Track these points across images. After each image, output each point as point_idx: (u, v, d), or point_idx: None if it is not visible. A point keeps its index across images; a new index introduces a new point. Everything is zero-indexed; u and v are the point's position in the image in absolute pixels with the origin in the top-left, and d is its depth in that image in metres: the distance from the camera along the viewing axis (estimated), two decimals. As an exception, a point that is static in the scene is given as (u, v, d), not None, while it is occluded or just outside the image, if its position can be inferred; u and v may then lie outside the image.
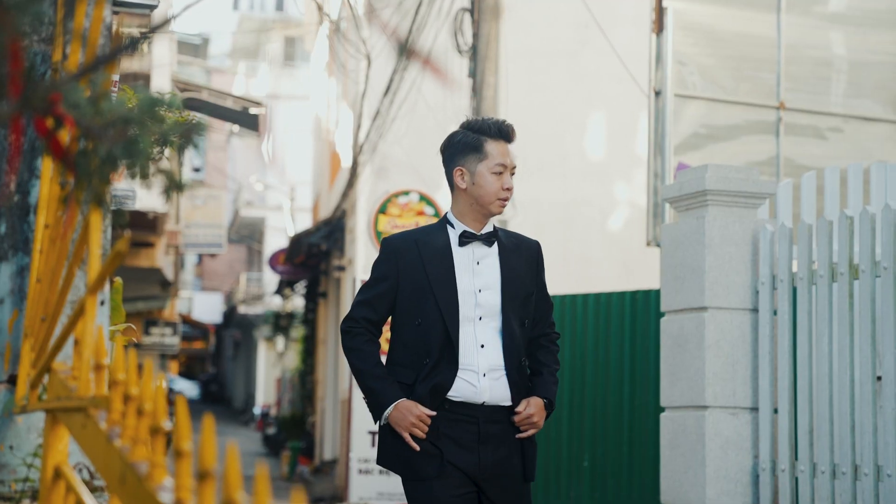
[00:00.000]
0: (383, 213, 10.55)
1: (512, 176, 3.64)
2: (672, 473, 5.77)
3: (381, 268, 3.64)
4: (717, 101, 9.00)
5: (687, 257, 5.83)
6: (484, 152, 3.61)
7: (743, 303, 5.73)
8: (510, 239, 3.70)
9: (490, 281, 3.60)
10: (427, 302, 3.54)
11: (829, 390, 5.33)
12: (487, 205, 3.61)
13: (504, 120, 3.68)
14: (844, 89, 9.51)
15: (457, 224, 3.64)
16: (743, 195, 5.78)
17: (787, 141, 9.14)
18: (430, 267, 3.57)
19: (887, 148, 9.43)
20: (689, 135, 8.93)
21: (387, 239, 3.69)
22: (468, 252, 3.61)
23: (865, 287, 5.20)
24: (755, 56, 9.15)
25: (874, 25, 9.51)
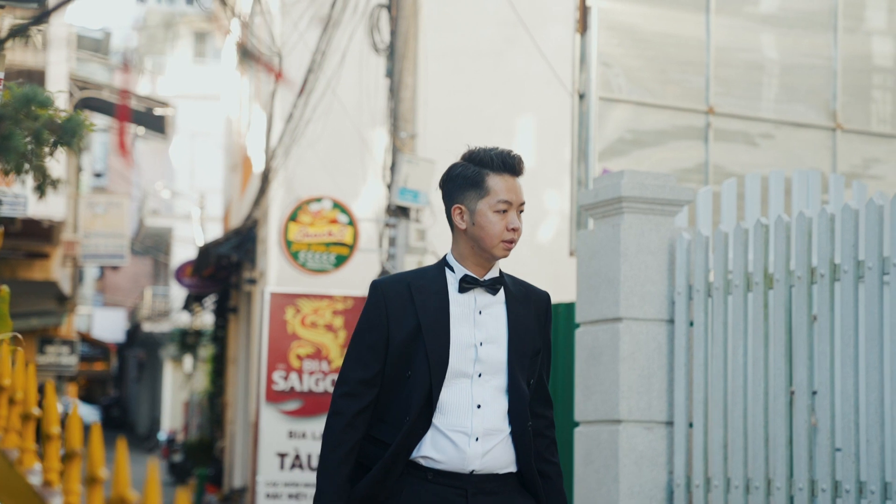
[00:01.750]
0: (294, 221, 10.73)
1: (521, 214, 3.43)
2: (585, 490, 6.02)
3: (370, 316, 3.46)
4: (644, 104, 9.32)
5: (602, 267, 6.09)
6: (485, 188, 3.40)
7: (659, 313, 6.00)
8: (518, 287, 3.51)
9: (494, 333, 3.42)
10: (418, 353, 3.39)
11: (743, 403, 5.62)
12: (490, 248, 3.40)
13: (510, 151, 3.45)
14: (776, 94, 9.90)
15: (457, 267, 3.44)
16: (660, 202, 6.06)
17: (716, 147, 9.48)
18: (424, 313, 3.40)
19: (820, 155, 9.82)
20: (615, 140, 9.23)
21: (375, 283, 3.51)
22: (469, 300, 3.43)
23: (780, 297, 5.50)
24: (683, 58, 9.49)
25: (807, 27, 9.91)
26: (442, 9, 14.29)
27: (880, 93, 10.21)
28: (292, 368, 10.59)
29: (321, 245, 10.82)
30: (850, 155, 9.92)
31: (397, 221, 10.78)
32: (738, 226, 5.78)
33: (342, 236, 10.89)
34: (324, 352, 10.66)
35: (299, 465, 10.48)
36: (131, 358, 49.35)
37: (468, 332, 3.41)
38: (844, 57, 9.91)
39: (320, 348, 10.66)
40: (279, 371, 10.57)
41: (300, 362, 10.62)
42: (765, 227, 5.63)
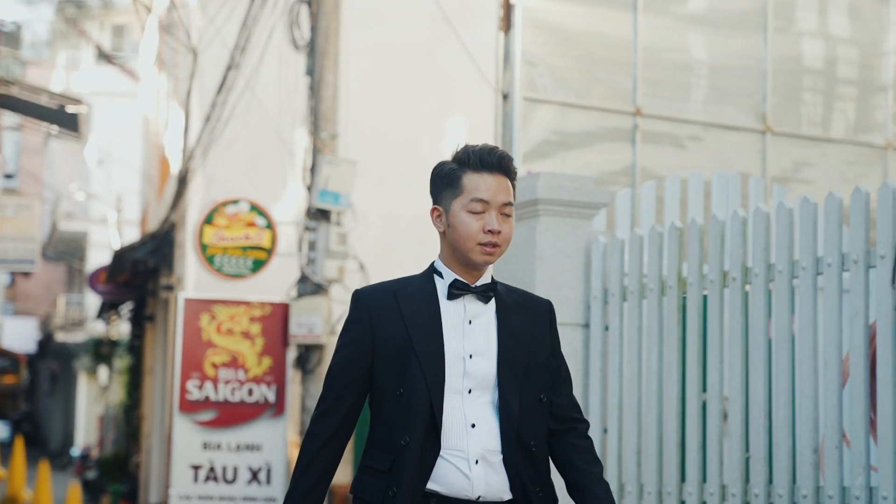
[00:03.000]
0: (209, 224, 10.83)
1: (507, 217, 3.31)
2: (500, 498, 6.21)
3: (352, 330, 3.34)
4: (570, 105, 9.54)
5: (518, 270, 6.29)
6: (459, 186, 3.30)
7: (575, 318, 6.21)
8: (513, 296, 3.42)
9: (483, 345, 3.30)
10: (411, 368, 3.26)
11: (657, 408, 5.84)
12: (466, 252, 3.28)
13: (494, 147, 3.33)
14: (705, 95, 10.17)
15: (446, 273, 3.33)
16: (577, 205, 6.27)
17: (643, 149, 9.73)
18: (413, 324, 3.28)
19: (749, 158, 10.10)
20: (540, 141, 9.45)
21: (358, 293, 3.38)
22: (458, 308, 3.32)
23: (693, 301, 5.73)
24: (610, 58, 9.73)
25: (736, 28, 10.19)
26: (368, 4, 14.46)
27: (811, 95, 10.52)
28: (207, 377, 10.69)
29: (238, 249, 10.93)
30: (781, 158, 10.21)
31: (317, 225, 10.92)
32: (653, 229, 6.00)
33: (260, 240, 11.01)
34: (240, 360, 10.77)
35: (214, 477, 10.58)
36: (43, 370, 48.93)
37: (457, 343, 3.29)
38: (775, 58, 10.20)
39: (237, 356, 10.77)
40: (193, 380, 10.67)
41: (215, 371, 10.72)
42: (679, 231, 5.85)
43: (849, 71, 10.67)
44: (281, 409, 10.82)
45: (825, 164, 10.46)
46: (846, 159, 10.52)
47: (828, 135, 10.48)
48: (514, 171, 3.36)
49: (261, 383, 10.80)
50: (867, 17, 10.69)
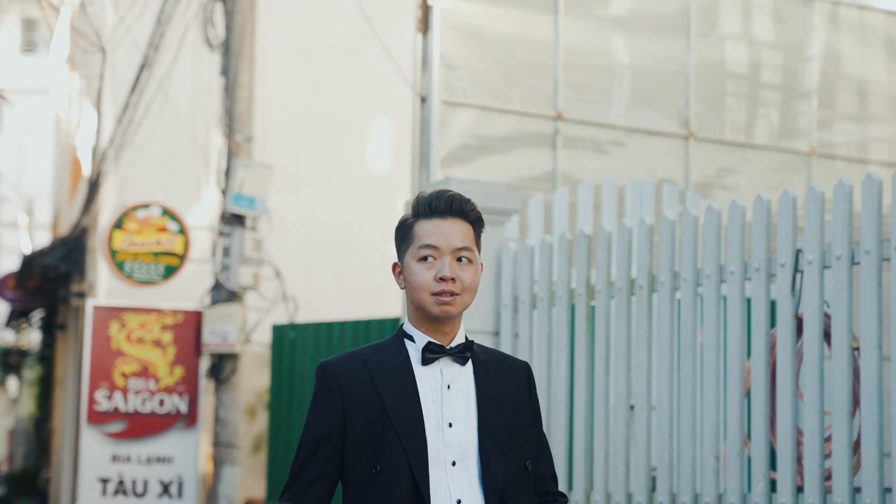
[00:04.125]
0: (119, 229, 10.91)
1: (469, 262, 3.13)
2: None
3: (321, 404, 3.18)
4: (490, 109, 9.75)
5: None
6: (411, 237, 3.16)
7: (485, 325, 6.41)
8: (489, 356, 3.27)
9: (463, 412, 3.15)
10: (387, 442, 3.10)
11: (566, 416, 6.05)
12: (422, 305, 3.13)
13: (445, 191, 3.20)
14: (627, 100, 10.43)
15: (417, 335, 3.17)
16: (488, 211, 6.46)
17: (564, 154, 9.96)
18: (388, 393, 3.13)
19: (672, 163, 10.37)
20: (459, 145, 9.65)
21: (323, 365, 3.23)
22: (434, 373, 3.17)
23: (601, 308, 5.95)
24: (531, 61, 9.95)
25: (659, 31, 10.46)
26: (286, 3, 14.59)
27: (734, 100, 10.81)
28: (116, 387, 10.77)
29: (149, 255, 11.03)
30: (704, 164, 10.49)
31: (232, 230, 11.04)
32: (563, 236, 6.21)
33: (172, 246, 11.11)
34: (151, 369, 10.87)
35: (123, 491, 10.67)
36: (-50, 381, 48.37)
37: (435, 411, 3.14)
38: (698, 63, 10.49)
39: (147, 366, 10.87)
40: (102, 390, 10.75)
41: (125, 381, 10.81)
42: (588, 238, 6.07)
43: (772, 76, 10.98)
44: (193, 421, 10.93)
45: (749, 171, 10.75)
46: (770, 165, 10.83)
47: (751, 140, 10.78)
48: (474, 215, 3.18)
49: (172, 394, 10.90)
50: (791, 22, 11.01)
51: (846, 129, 11.20)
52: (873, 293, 4.83)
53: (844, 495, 4.84)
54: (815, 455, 4.98)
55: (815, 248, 5.05)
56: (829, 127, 11.09)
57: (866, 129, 11.29)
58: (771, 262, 5.24)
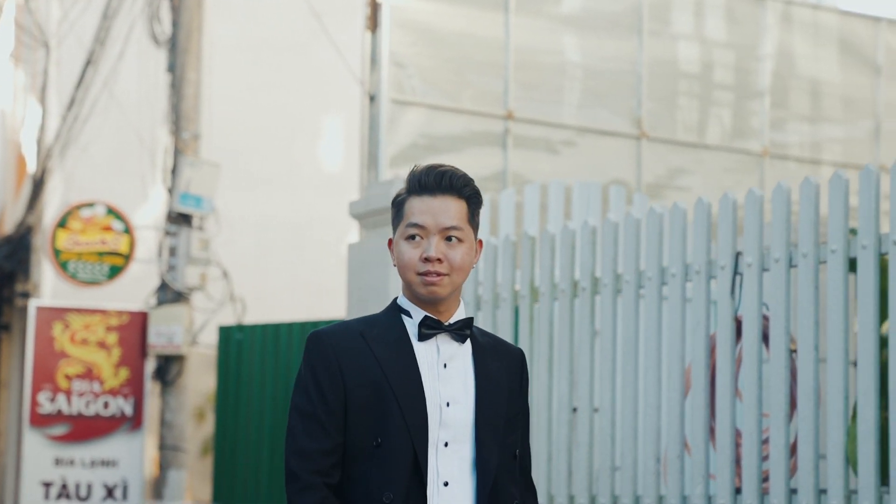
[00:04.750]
0: (63, 228, 10.94)
1: (458, 241, 3.05)
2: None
3: (318, 374, 3.07)
4: (439, 108, 9.86)
5: (372, 279, 6.58)
6: (402, 213, 3.11)
7: (429, 327, 6.51)
8: (487, 339, 3.21)
9: (460, 392, 3.09)
10: (390, 415, 3.04)
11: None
12: (409, 284, 3.09)
13: (437, 166, 3.12)
14: (579, 99, 10.55)
15: (414, 310, 3.11)
16: (432, 212, 6.56)
17: (515, 154, 10.08)
18: (389, 367, 3.06)
19: (624, 163, 10.51)
20: (408, 145, 9.75)
21: (318, 334, 3.11)
22: (431, 350, 3.12)
23: (545, 310, 6.06)
24: (481, 60, 10.06)
25: (611, 30, 10.60)
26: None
27: (686, 100, 10.96)
28: (60, 389, 10.80)
29: (93, 255, 11.06)
30: (656, 164, 10.63)
31: (178, 229, 11.10)
32: (507, 238, 6.32)
33: (117, 245, 11.15)
34: (95, 371, 10.90)
35: (66, 494, 10.70)
36: None
37: (433, 389, 3.08)
38: (650, 62, 10.63)
39: (91, 367, 10.90)
40: (45, 392, 10.78)
41: (69, 382, 10.84)
42: (532, 240, 6.18)
43: (725, 75, 11.14)
44: (139, 423, 10.97)
45: (701, 171, 10.90)
46: (723, 166, 10.99)
47: (704, 141, 10.93)
48: (468, 191, 3.10)
49: (117, 396, 10.94)
50: (743, 21, 11.17)
51: (799, 130, 11.38)
52: (810, 295, 4.96)
53: (781, 497, 4.98)
54: (752, 457, 5.11)
55: (754, 250, 5.18)
56: (781, 127, 11.26)
57: (819, 129, 11.48)
58: (711, 264, 5.37)
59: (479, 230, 3.12)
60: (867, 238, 4.80)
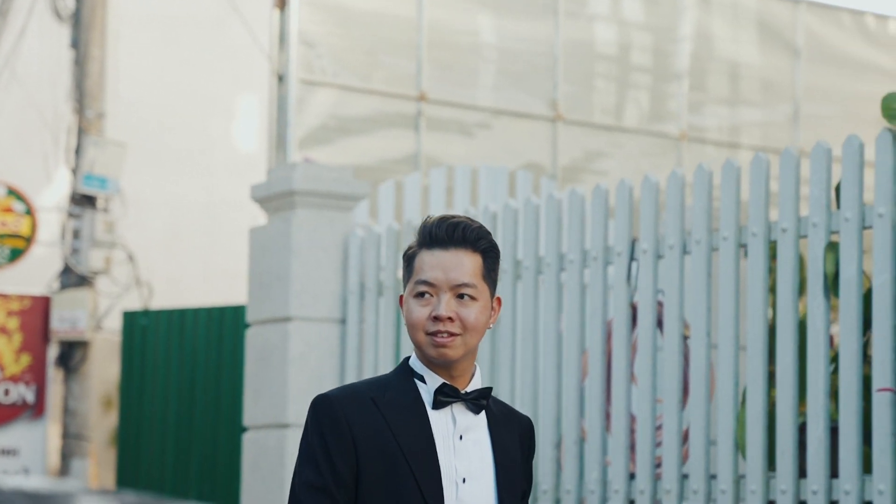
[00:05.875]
0: (-41, 211, 10.99)
1: (471, 299, 2.95)
2: (253, 498, 6.65)
3: (330, 445, 2.97)
4: (350, 89, 10.01)
5: (273, 264, 6.72)
6: (411, 269, 3.01)
7: (332, 313, 6.68)
8: (499, 408, 3.11)
9: (478, 466, 3.00)
10: (406, 492, 2.95)
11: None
12: (418, 346, 2.97)
13: (449, 217, 3.03)
14: (494, 81, 10.75)
15: (429, 376, 2.99)
16: (335, 196, 6.73)
17: (428, 136, 10.26)
18: (404, 437, 2.95)
19: (539, 146, 10.73)
20: (318, 127, 9.90)
21: (325, 398, 3.02)
22: (446, 419, 3.00)
23: (446, 295, 6.25)
24: (394, 40, 10.22)
25: (526, 10, 10.79)
26: (144, -29, 14.66)
27: (603, 82, 11.19)
28: (-42, 376, 10.85)
29: (-7, 237, 11.10)
30: (572, 147, 10.86)
31: (82, 211, 11.16)
32: (409, 223, 6.50)
33: (18, 227, 11.20)
34: (-5, 357, 10.96)
35: (-36, 485, 10.75)
36: None
37: (448, 463, 2.97)
38: (566, 43, 10.84)
39: (-9, 354, 10.96)
40: (-58, 379, 10.82)
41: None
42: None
43: (642, 58, 11.39)
44: (41, 411, 11.04)
45: (619, 155, 11.15)
46: (640, 149, 11.23)
47: (621, 124, 11.18)
48: (483, 244, 3.00)
49: (18, 382, 11.00)
50: (661, 2, 11.42)
51: (717, 113, 11.65)
52: (703, 282, 5.18)
53: (673, 482, 5.20)
54: (646, 443, 5.33)
55: (649, 237, 5.39)
56: (699, 110, 11.53)
57: (738, 112, 11.76)
58: (608, 250, 5.58)
59: (496, 286, 3.00)
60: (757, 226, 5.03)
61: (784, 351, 4.90)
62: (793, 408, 4.86)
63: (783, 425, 4.86)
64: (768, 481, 4.93)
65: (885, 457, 4.54)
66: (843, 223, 4.76)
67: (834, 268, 4.78)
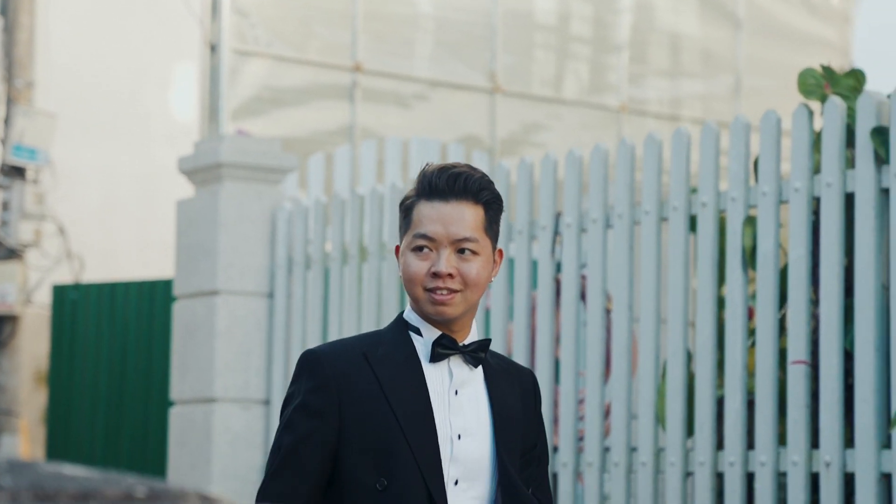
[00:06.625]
0: None
1: (473, 254, 2.89)
2: (179, 473, 6.76)
3: (310, 402, 2.89)
4: (284, 59, 10.09)
5: (200, 237, 6.82)
6: (409, 220, 2.94)
7: (259, 287, 6.78)
8: (498, 361, 3.06)
9: (473, 423, 2.95)
10: (397, 454, 2.87)
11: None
12: (416, 300, 2.91)
13: (450, 166, 2.95)
14: (431, 52, 10.85)
15: (425, 328, 2.94)
16: (263, 169, 6.83)
17: (364, 108, 10.35)
18: (395, 395, 2.89)
19: (477, 118, 10.84)
20: (251, 98, 9.97)
21: (312, 354, 2.95)
22: (441, 373, 2.95)
23: (373, 269, 6.37)
24: (328, 9, 10.30)
25: (464, -20, 10.90)
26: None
27: (543, 53, 11.31)
28: None
29: (-81, 209, 11.11)
30: (510, 120, 10.98)
31: (11, 183, 11.19)
32: (336, 196, 6.61)
33: (-56, 199, 11.20)
34: (-79, 332, 10.98)
35: None
36: None
37: (443, 419, 2.92)
38: (505, 13, 10.95)
39: (-83, 328, 10.98)
40: None
41: None
42: (360, 198, 6.47)
43: (582, 28, 11.51)
44: (-31, 387, 11.08)
45: (558, 127, 11.28)
46: (580, 122, 11.37)
47: (560, 96, 11.31)
48: (486, 195, 2.93)
49: (-54, 358, 11.03)
50: (602, -28, 11.55)
51: (658, 85, 11.80)
52: (625, 256, 5.32)
53: (595, 455, 5.35)
54: (569, 416, 5.47)
55: (573, 211, 5.53)
56: (640, 82, 11.67)
57: (679, 84, 11.91)
58: (533, 224, 5.70)
59: (498, 239, 2.98)
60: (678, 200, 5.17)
61: (703, 324, 5.05)
62: (711, 381, 5.01)
63: (702, 398, 5.01)
64: (687, 454, 5.08)
65: (800, 429, 4.70)
66: (760, 197, 4.90)
67: (752, 242, 4.93)
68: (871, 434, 4.53)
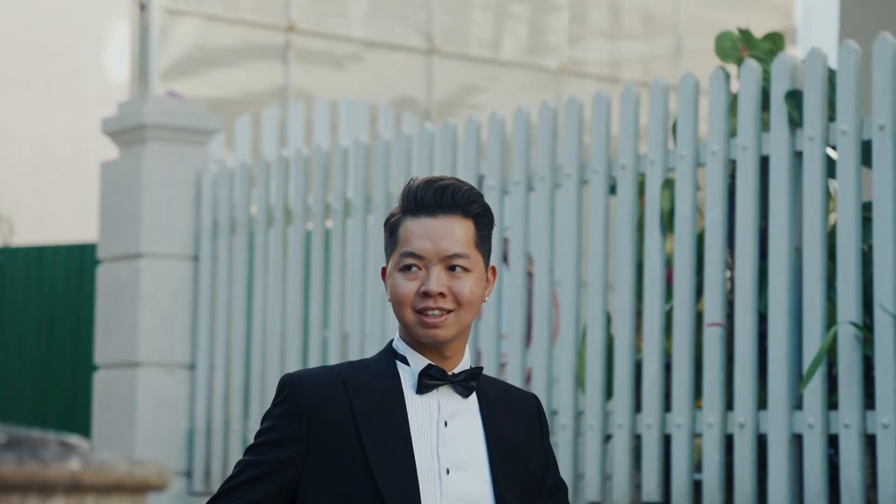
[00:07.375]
0: None
1: (464, 271, 2.79)
2: (103, 438, 6.83)
3: (281, 426, 2.81)
4: (216, 18, 10.12)
5: (124, 199, 6.87)
6: (395, 238, 2.84)
7: (184, 250, 6.85)
8: (494, 388, 2.96)
9: (465, 456, 2.84)
10: (359, 491, 2.77)
11: (262, 344, 6.56)
12: (405, 324, 2.81)
13: (436, 179, 2.86)
14: (366, 11, 10.90)
15: (413, 357, 2.84)
16: (188, 131, 6.89)
17: (298, 68, 10.40)
18: (369, 428, 2.79)
19: (414, 79, 10.91)
20: (181, 58, 10.00)
21: (292, 379, 2.87)
22: (429, 404, 2.84)
23: (298, 233, 6.45)
24: (261, -32, 10.34)
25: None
26: None
27: (480, 13, 11.39)
28: None
29: None
30: (447, 81, 11.06)
31: (-63, 144, 11.18)
32: (261, 158, 6.68)
33: None
34: None
35: None
36: None
37: (429, 453, 2.82)
38: (442, -27, 11.02)
39: None
40: None
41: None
42: (285, 161, 6.55)
43: (521, -11, 11.60)
44: None
45: (496, 89, 11.37)
46: (519, 83, 11.46)
47: (498, 57, 11.39)
48: (475, 209, 2.84)
49: None
50: (541, -68, 11.63)
51: (598, 47, 11.91)
52: (546, 219, 5.43)
53: (516, 418, 5.46)
54: (491, 379, 5.58)
55: (495, 174, 5.62)
56: (579, 44, 11.77)
57: (619, 46, 12.02)
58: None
59: (490, 255, 2.89)
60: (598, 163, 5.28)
61: (623, 287, 5.17)
62: (631, 344, 5.12)
63: (621, 361, 5.13)
64: (606, 416, 5.20)
65: (714, 390, 4.83)
66: (678, 160, 5.02)
67: (670, 205, 5.04)
68: (783, 395, 4.66)
